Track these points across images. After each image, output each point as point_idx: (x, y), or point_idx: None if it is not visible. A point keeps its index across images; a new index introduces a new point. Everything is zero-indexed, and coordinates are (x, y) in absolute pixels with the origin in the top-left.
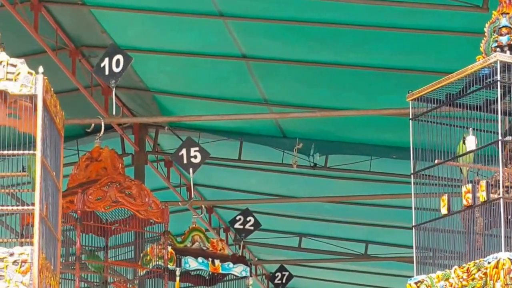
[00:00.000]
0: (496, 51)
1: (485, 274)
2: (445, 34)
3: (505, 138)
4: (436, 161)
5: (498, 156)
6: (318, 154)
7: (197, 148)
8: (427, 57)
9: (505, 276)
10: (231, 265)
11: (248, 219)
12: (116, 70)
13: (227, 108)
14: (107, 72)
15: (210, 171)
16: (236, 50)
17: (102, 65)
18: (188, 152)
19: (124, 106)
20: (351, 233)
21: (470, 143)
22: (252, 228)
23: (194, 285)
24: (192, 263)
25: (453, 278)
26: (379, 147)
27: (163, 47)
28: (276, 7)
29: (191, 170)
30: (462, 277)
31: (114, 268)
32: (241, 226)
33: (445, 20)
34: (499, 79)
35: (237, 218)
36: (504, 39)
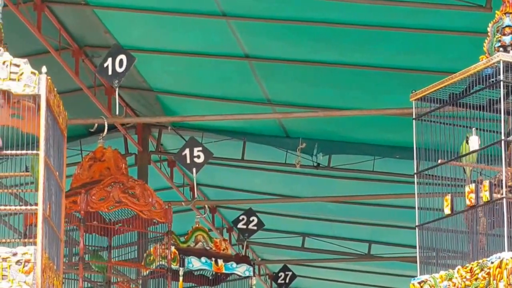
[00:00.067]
0: (499, 51)
1: (488, 274)
2: (448, 34)
3: (508, 138)
4: (439, 161)
5: (501, 156)
6: (321, 154)
7: (200, 148)
8: (430, 57)
9: (508, 276)
10: (235, 265)
11: (251, 219)
12: (119, 70)
13: (230, 108)
14: (110, 72)
15: (213, 171)
16: (239, 50)
17: (105, 65)
18: (191, 152)
19: (127, 106)
20: (355, 233)
21: (473, 143)
22: (255, 228)
23: (197, 285)
24: (195, 263)
25: (456, 278)
26: (382, 147)
27: (166, 47)
28: (279, 7)
29: (194, 170)
30: (465, 277)
31: (118, 268)
32: (244, 226)
33: (448, 20)
34: (502, 79)
35: (240, 218)
36: (507, 39)
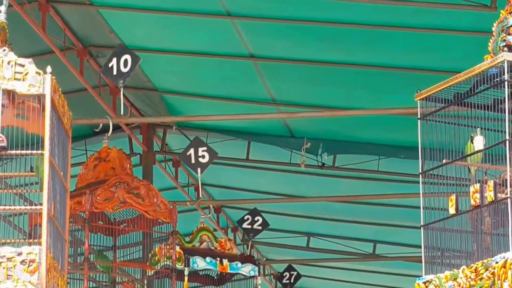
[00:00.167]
0: (504, 51)
1: (493, 274)
2: (453, 34)
3: None
4: (444, 161)
5: (506, 156)
6: (326, 154)
7: (205, 148)
8: (435, 57)
9: None
10: (240, 265)
11: (256, 219)
12: (124, 70)
13: (235, 108)
14: (115, 72)
15: (218, 171)
16: (244, 50)
17: (110, 65)
18: (196, 152)
19: (132, 106)
20: (359, 233)
21: (478, 143)
22: (260, 228)
23: (203, 285)
24: (200, 263)
25: (461, 278)
26: (387, 147)
27: (171, 47)
28: (284, 7)
29: (199, 170)
30: (470, 277)
31: (123, 268)
32: (249, 226)
33: (453, 20)
34: (507, 79)
35: (245, 218)
36: None
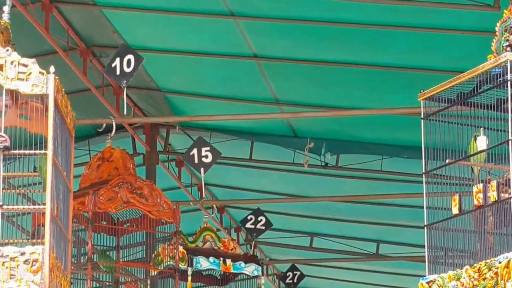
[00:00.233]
0: (507, 50)
1: (496, 274)
2: (456, 33)
3: None
4: (447, 161)
5: (509, 155)
6: (329, 154)
7: (208, 148)
8: (438, 56)
9: None
10: (243, 265)
11: (259, 219)
12: (127, 70)
13: (238, 108)
14: (118, 72)
15: (221, 171)
16: (247, 50)
17: (113, 65)
18: (199, 152)
19: (135, 106)
20: (363, 233)
21: (481, 143)
22: (264, 228)
23: (206, 285)
24: (204, 263)
25: (465, 278)
26: (391, 147)
27: (174, 47)
28: (287, 7)
29: (202, 170)
30: (473, 277)
31: (126, 268)
32: (253, 226)
33: (456, 19)
34: (510, 78)
35: (249, 218)
36: None
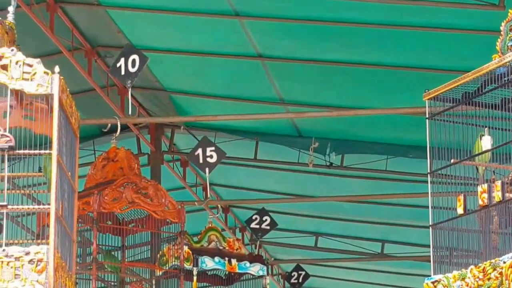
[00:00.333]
0: None
1: (501, 274)
2: (461, 33)
3: None
4: (452, 161)
5: None
6: (334, 153)
7: (213, 148)
8: (443, 56)
9: None
10: (248, 264)
11: (264, 219)
12: (132, 70)
13: (243, 108)
14: (123, 72)
15: (226, 171)
16: (252, 50)
17: (118, 65)
18: (204, 152)
19: (140, 106)
20: (368, 232)
21: (486, 143)
22: (268, 228)
23: (211, 285)
24: (209, 263)
25: (469, 278)
26: (395, 146)
27: (179, 47)
28: (292, 7)
29: (207, 170)
30: (478, 277)
31: (131, 268)
32: (257, 226)
33: (461, 19)
34: None
35: (253, 218)
36: None
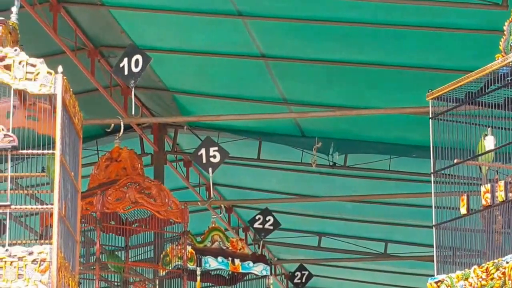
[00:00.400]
0: None
1: (504, 274)
2: (464, 32)
3: None
4: (456, 161)
5: None
6: (337, 153)
7: (216, 148)
8: (446, 56)
9: None
10: (251, 264)
11: (268, 219)
12: (135, 70)
13: (246, 108)
14: (126, 72)
15: (229, 171)
16: (255, 50)
17: (121, 65)
18: (207, 152)
19: (143, 106)
20: (371, 232)
21: (489, 143)
22: (272, 228)
23: (214, 285)
24: (212, 263)
25: (473, 278)
26: (399, 146)
27: (182, 47)
28: (295, 6)
29: (210, 170)
30: (481, 277)
31: (135, 268)
32: (261, 226)
33: (465, 18)
34: None
35: (257, 218)
36: None
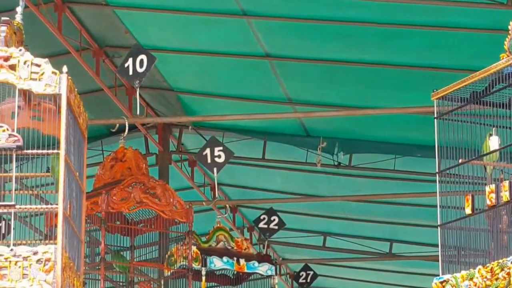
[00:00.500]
0: None
1: (508, 274)
2: (469, 32)
3: None
4: (460, 160)
5: None
6: (342, 153)
7: (221, 148)
8: (451, 55)
9: None
10: (256, 264)
11: (272, 219)
12: (140, 70)
13: (251, 108)
14: (131, 72)
15: (234, 171)
16: (260, 49)
17: (126, 65)
18: (212, 152)
19: (148, 106)
20: (376, 232)
21: (494, 143)
22: (276, 228)
23: (220, 285)
24: (217, 263)
25: (477, 278)
26: (404, 146)
27: (187, 47)
28: (299, 6)
29: (215, 170)
30: (486, 277)
31: (140, 268)
32: (265, 226)
33: (469, 18)
34: None
35: (261, 218)
36: None
